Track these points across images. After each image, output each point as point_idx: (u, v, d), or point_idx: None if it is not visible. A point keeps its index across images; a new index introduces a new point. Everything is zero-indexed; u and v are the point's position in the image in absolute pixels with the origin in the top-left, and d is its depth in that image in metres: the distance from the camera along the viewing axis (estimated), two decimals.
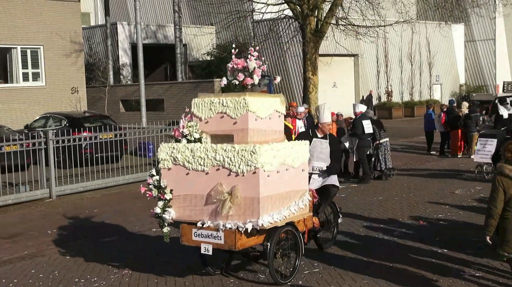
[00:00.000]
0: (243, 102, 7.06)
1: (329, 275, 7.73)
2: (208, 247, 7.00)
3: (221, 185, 6.87)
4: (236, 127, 7.12)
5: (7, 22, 22.98)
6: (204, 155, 7.02)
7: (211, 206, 6.99)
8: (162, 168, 7.35)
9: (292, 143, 7.55)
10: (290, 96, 31.85)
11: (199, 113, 7.38)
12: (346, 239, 9.50)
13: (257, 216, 6.77)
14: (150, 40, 33.43)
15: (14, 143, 13.77)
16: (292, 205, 7.35)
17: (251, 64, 7.39)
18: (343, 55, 32.93)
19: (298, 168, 7.45)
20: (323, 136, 8.80)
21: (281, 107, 7.57)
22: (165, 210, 7.24)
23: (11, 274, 8.40)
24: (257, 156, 6.71)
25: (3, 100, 23.08)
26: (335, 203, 9.20)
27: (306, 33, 21.29)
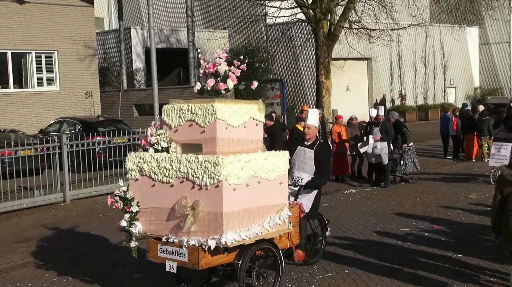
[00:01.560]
0: (211, 110, 6.47)
1: (342, 280, 7.69)
2: (173, 265, 6.52)
3: (185, 199, 6.38)
4: (204, 136, 6.55)
5: (22, 27, 23.18)
6: (169, 165, 6.53)
7: (176, 221, 6.48)
8: (129, 178, 6.91)
9: (267, 153, 6.85)
10: (302, 100, 31.81)
11: (169, 120, 6.84)
12: (359, 243, 9.45)
13: (220, 232, 6.21)
14: (164, 45, 33.56)
15: (28, 147, 13.86)
16: (266, 221, 6.75)
17: (221, 68, 6.84)
18: (356, 59, 32.85)
19: (274, 180, 6.85)
20: (311, 144, 8.02)
21: (259, 114, 6.93)
22: (132, 223, 6.79)
23: (25, 278, 8.45)
24: (220, 167, 6.15)
25: (18, 105, 23.26)
26: (323, 215, 8.65)
27: (319, 37, 21.28)
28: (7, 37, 22.90)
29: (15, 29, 23.05)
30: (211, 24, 36.37)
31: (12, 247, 10.20)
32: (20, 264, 9.20)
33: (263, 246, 6.85)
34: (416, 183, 14.87)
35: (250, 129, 6.84)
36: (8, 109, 22.96)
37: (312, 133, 8.03)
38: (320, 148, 8.02)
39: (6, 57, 23.24)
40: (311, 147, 7.98)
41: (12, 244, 10.40)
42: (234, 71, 6.90)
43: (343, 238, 9.83)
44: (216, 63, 6.88)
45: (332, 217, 11.52)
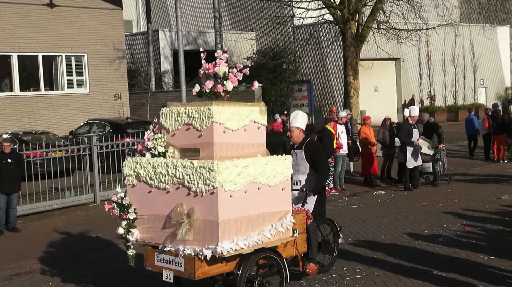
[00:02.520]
0: (207, 113, 6.17)
1: (372, 282, 7.63)
2: (170, 274, 6.25)
3: (182, 206, 6.10)
4: (201, 140, 6.27)
5: (52, 30, 23.51)
6: (165, 171, 6.28)
7: (172, 229, 6.22)
8: (127, 184, 6.68)
9: (267, 158, 6.53)
10: (330, 101, 31.69)
11: (167, 124, 6.60)
12: (390, 244, 9.37)
13: (216, 241, 5.94)
14: (191, 46, 33.73)
15: (59, 149, 14.05)
16: (267, 229, 6.44)
17: (220, 69, 6.55)
18: (384, 59, 32.59)
19: (275, 186, 6.54)
20: (300, 144, 7.75)
21: (260, 117, 6.63)
22: (129, 230, 6.56)
23: (58, 277, 8.57)
24: (215, 173, 5.87)
25: (48, 107, 23.60)
26: (335, 221, 8.35)
27: (347, 38, 21.17)
28: (38, 41, 23.25)
29: (45, 33, 23.39)
30: (238, 25, 36.46)
31: (41, 247, 10.35)
32: (51, 263, 9.32)
33: (265, 254, 6.56)
34: (447, 184, 14.68)
35: (250, 133, 6.55)
36: (40, 111, 23.31)
37: (295, 135, 7.74)
38: (309, 145, 7.75)
39: (37, 60, 23.60)
40: (300, 147, 7.74)
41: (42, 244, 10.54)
42: (236, 75, 6.63)
43: (372, 240, 9.76)
44: (217, 64, 6.60)
45: (361, 218, 11.46)
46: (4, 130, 20.22)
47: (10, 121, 22.20)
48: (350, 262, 8.47)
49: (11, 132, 18.75)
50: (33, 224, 12.38)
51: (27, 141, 16.82)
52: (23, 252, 10.10)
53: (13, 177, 11.84)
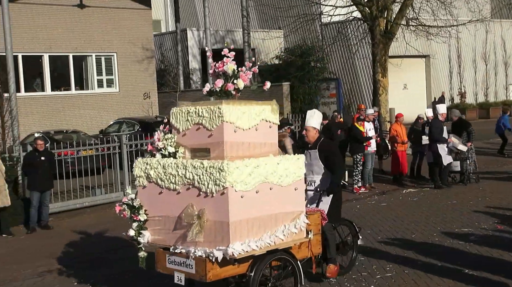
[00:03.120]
0: (217, 112, 6.06)
1: (402, 280, 7.56)
2: (181, 277, 6.16)
3: (192, 207, 6.00)
4: (211, 140, 6.15)
5: (83, 31, 23.82)
6: (175, 171, 6.20)
7: (183, 230, 6.13)
8: (137, 185, 6.62)
9: (279, 158, 6.40)
10: (359, 98, 31.49)
11: (177, 124, 6.49)
12: (420, 243, 9.28)
13: (227, 243, 5.82)
14: (219, 45, 33.81)
15: (90, 148, 14.24)
16: (280, 230, 6.31)
17: (228, 67, 6.41)
18: (413, 57, 32.24)
19: (288, 186, 6.40)
20: (313, 144, 7.63)
21: (272, 116, 6.51)
22: (140, 232, 6.50)
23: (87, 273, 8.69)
24: (225, 173, 5.76)
25: (79, 106, 23.91)
26: (354, 222, 8.21)
27: (376, 35, 21.00)
28: (68, 41, 23.57)
29: (76, 33, 23.70)
30: (266, 24, 36.44)
31: (71, 245, 10.49)
32: (84, 260, 9.44)
33: (278, 256, 6.41)
34: (476, 183, 14.46)
35: (262, 132, 6.42)
36: (70, 110, 23.63)
37: (311, 135, 7.60)
38: (323, 145, 7.60)
39: (68, 60, 23.94)
40: (314, 147, 7.61)
41: (72, 242, 10.69)
42: (246, 73, 6.49)
43: (402, 238, 9.67)
44: (225, 62, 6.45)
45: (391, 217, 11.37)
46: (36, 129, 20.56)
47: (41, 121, 22.57)
48: (380, 261, 8.40)
49: (43, 131, 19.06)
50: (64, 222, 12.56)
51: (58, 140, 17.07)
52: (55, 249, 10.25)
53: (47, 175, 12.05)
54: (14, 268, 9.32)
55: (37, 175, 11.87)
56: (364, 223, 10.97)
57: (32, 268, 9.23)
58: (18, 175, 12.94)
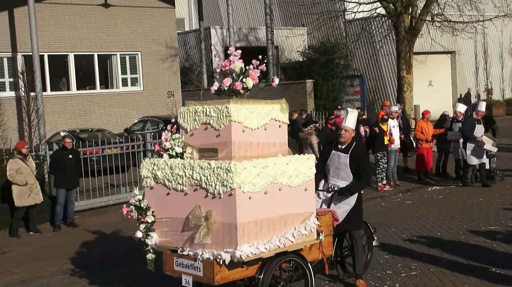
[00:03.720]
0: (225, 111, 5.92)
1: (428, 278, 7.49)
2: (189, 279, 6.02)
3: (199, 208, 5.88)
4: (219, 140, 6.01)
5: (107, 30, 24.02)
6: (182, 172, 6.07)
7: (190, 232, 5.99)
8: (145, 186, 6.50)
9: (288, 158, 6.24)
10: (383, 95, 31.26)
11: (185, 124, 6.35)
12: (445, 241, 9.18)
13: (235, 245, 5.68)
14: (242, 43, 33.82)
15: (115, 146, 14.36)
16: (290, 232, 6.15)
17: (235, 66, 6.24)
18: (439, 53, 31.90)
19: (298, 187, 6.24)
20: (345, 147, 7.20)
21: (281, 115, 6.33)
22: (148, 234, 6.37)
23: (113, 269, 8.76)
24: (233, 174, 5.62)
25: (104, 105, 24.13)
26: (369, 223, 7.95)
27: (400, 31, 20.84)
28: (93, 40, 23.80)
29: (101, 32, 23.92)
30: (289, 21, 36.35)
31: (95, 243, 10.59)
32: (107, 257, 9.53)
33: (288, 258, 6.26)
34: (502, 180, 14.23)
35: (271, 132, 6.26)
36: (95, 109, 23.86)
37: (348, 137, 7.19)
38: (356, 152, 7.16)
39: (93, 59, 24.16)
40: (346, 150, 7.17)
41: (96, 239, 10.79)
42: (254, 71, 6.30)
43: (427, 236, 9.58)
44: (231, 61, 6.28)
45: (416, 214, 11.27)
46: (62, 128, 20.80)
47: (67, 119, 22.82)
48: (405, 259, 8.34)
49: (69, 130, 19.27)
50: (89, 220, 12.69)
51: (84, 138, 17.26)
52: (81, 247, 10.36)
53: (73, 173, 12.22)
54: (41, 265, 9.44)
55: (65, 173, 12.02)
56: (388, 221, 10.90)
57: (58, 265, 9.34)
58: (44, 173, 13.11)
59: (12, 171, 11.21)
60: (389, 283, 7.39)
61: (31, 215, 11.70)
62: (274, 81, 6.53)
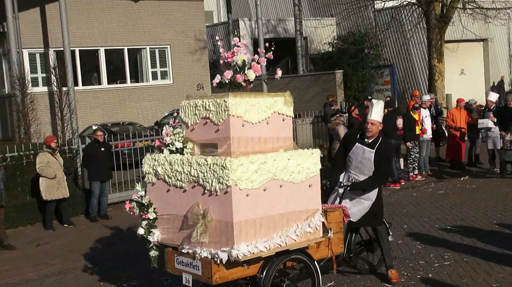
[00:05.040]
0: (223, 105, 5.66)
1: (461, 268, 7.40)
2: (189, 278, 5.85)
3: (198, 205, 5.70)
4: (218, 135, 5.77)
5: (137, 24, 24.19)
6: (181, 168, 5.89)
7: (189, 230, 5.81)
8: (147, 182, 6.34)
9: (290, 153, 5.95)
10: (414, 85, 30.91)
11: (186, 118, 6.11)
12: (479, 231, 9.06)
13: (231, 244, 5.49)
14: (271, 35, 33.76)
15: (146, 139, 14.49)
16: (292, 230, 5.92)
17: (238, 58, 6.05)
18: (471, 41, 31.36)
19: (301, 183, 5.99)
20: (372, 142, 6.88)
21: (285, 108, 6.05)
22: (150, 231, 6.25)
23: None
24: (228, 171, 5.42)
25: (134, 99, 24.34)
26: (384, 217, 7.49)
27: (431, 19, 20.54)
28: (123, 34, 23.99)
29: (130, 26, 24.10)
30: (318, 12, 36.12)
31: (130, 235, 10.71)
32: None
33: (292, 257, 6.00)
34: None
35: (275, 126, 5.97)
36: (126, 103, 24.08)
37: (375, 130, 6.87)
38: (382, 148, 6.86)
39: (123, 53, 24.36)
40: (372, 145, 6.85)
41: (130, 229, 10.92)
42: (259, 61, 6.11)
43: (460, 226, 9.47)
44: (235, 52, 6.08)
45: (448, 204, 11.15)
46: (94, 122, 21.06)
47: (99, 113, 23.09)
48: (438, 249, 8.25)
49: (100, 123, 19.50)
50: (122, 212, 12.82)
51: (115, 132, 17.43)
52: (114, 238, 10.52)
53: (106, 166, 12.41)
54: (75, 257, 9.60)
55: (97, 166, 12.21)
56: (421, 211, 10.80)
57: (91, 257, 9.48)
58: (77, 167, 13.30)
59: (41, 164, 11.38)
60: (421, 273, 7.33)
61: (63, 208, 11.89)
62: (277, 73, 6.36)
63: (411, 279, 7.16)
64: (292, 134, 6.23)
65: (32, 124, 19.45)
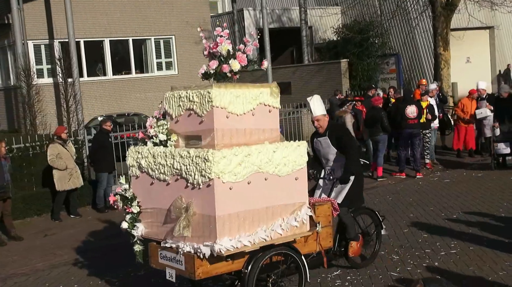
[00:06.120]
0: (207, 96, 5.53)
1: (467, 256, 7.40)
2: (172, 273, 5.75)
3: (181, 199, 5.57)
4: (202, 127, 5.64)
5: (141, 15, 24.16)
6: (164, 161, 5.77)
7: (172, 224, 5.67)
8: (131, 175, 6.22)
9: (275, 145, 5.82)
10: (420, 73, 30.80)
11: (170, 110, 5.99)
12: (485, 219, 9.05)
13: (214, 238, 5.36)
14: (276, 24, 33.67)
15: None
16: (277, 224, 5.79)
17: (222, 48, 5.94)
18: (477, 28, 31.18)
19: (287, 176, 5.85)
20: (323, 133, 7.01)
21: (272, 99, 5.92)
22: (134, 225, 6.11)
23: None
24: (211, 164, 5.28)
25: (139, 90, 24.35)
26: (376, 211, 7.62)
27: (436, 7, 20.43)
28: (128, 25, 23.97)
29: (134, 17, 24.07)
30: (323, 1, 35.98)
31: None
32: None
33: (278, 251, 5.88)
34: None
35: (260, 117, 5.85)
36: (131, 94, 24.10)
37: (324, 124, 6.99)
38: (332, 129, 7.00)
39: (128, 44, 24.35)
40: (324, 134, 7.01)
41: None
42: (245, 51, 6.02)
43: (467, 214, 9.46)
44: (218, 42, 5.97)
45: (454, 193, 11.13)
46: (99, 113, 21.11)
47: (104, 104, 23.12)
48: (444, 238, 8.25)
49: (106, 114, 19.53)
50: None
51: (121, 123, 17.46)
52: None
53: (113, 156, 12.44)
54: (82, 247, 9.65)
55: (105, 157, 12.23)
56: (427, 199, 10.79)
57: (99, 247, 9.53)
58: (84, 158, 13.32)
59: (52, 156, 11.42)
60: (428, 262, 7.33)
61: (72, 199, 11.93)
62: (263, 64, 6.26)
63: (417, 268, 7.16)
64: (278, 126, 6.12)
65: (38, 115, 19.52)
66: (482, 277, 6.70)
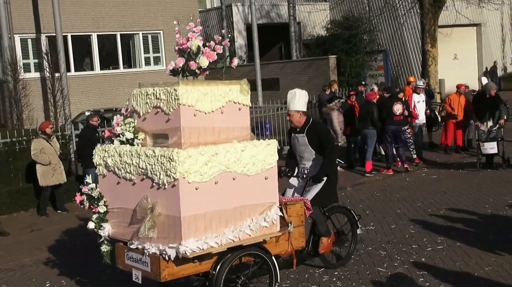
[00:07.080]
0: (174, 94, 5.40)
1: (454, 253, 7.45)
2: (138, 275, 5.63)
3: (146, 199, 5.48)
4: (169, 125, 5.51)
5: (129, 9, 24.04)
6: (130, 160, 5.65)
7: (138, 224, 5.58)
8: (98, 174, 6.13)
9: (243, 144, 5.68)
10: (407, 70, 30.92)
11: (138, 107, 5.84)
12: (472, 215, 9.12)
13: (179, 240, 5.25)
14: (264, 20, 33.66)
15: None
16: (246, 224, 5.67)
17: (193, 43, 5.84)
18: (464, 25, 31.35)
19: (256, 176, 5.73)
20: (301, 128, 6.84)
21: (241, 97, 5.79)
22: (101, 225, 6.00)
23: None
24: (176, 163, 5.16)
25: (127, 85, 24.22)
26: (352, 210, 7.51)
27: (424, 4, 20.49)
28: (116, 19, 23.83)
29: (123, 12, 23.94)
30: None
31: None
32: None
33: (247, 252, 5.75)
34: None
35: (230, 115, 5.71)
36: (119, 89, 23.97)
37: (296, 120, 6.82)
38: (312, 128, 6.82)
39: (116, 38, 24.23)
40: (302, 131, 6.85)
41: None
42: (215, 48, 5.90)
43: (453, 210, 9.52)
44: (190, 38, 5.83)
45: (441, 189, 11.20)
46: (86, 108, 20.98)
47: (92, 99, 23.00)
48: (431, 233, 8.31)
49: (93, 109, 19.42)
50: None
51: (109, 118, 17.35)
52: None
53: None
54: (68, 243, 9.61)
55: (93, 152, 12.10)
56: (414, 195, 10.85)
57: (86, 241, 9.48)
58: (71, 153, 13.23)
59: (36, 151, 11.33)
60: (415, 257, 7.38)
61: (58, 194, 11.86)
62: (233, 62, 6.11)
63: (404, 263, 7.21)
64: (249, 124, 5.92)
65: (25, 110, 19.36)
66: (468, 272, 6.76)
